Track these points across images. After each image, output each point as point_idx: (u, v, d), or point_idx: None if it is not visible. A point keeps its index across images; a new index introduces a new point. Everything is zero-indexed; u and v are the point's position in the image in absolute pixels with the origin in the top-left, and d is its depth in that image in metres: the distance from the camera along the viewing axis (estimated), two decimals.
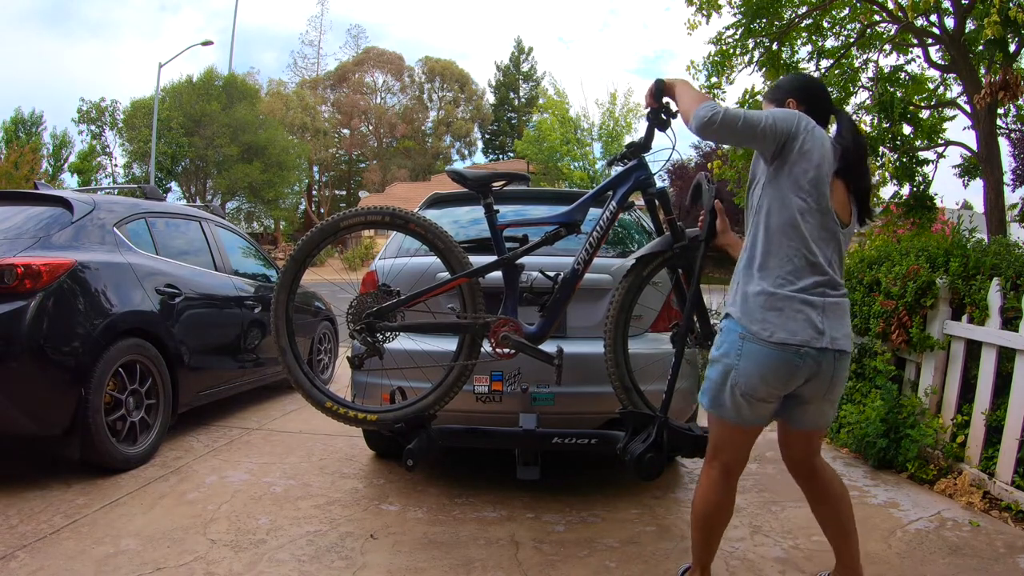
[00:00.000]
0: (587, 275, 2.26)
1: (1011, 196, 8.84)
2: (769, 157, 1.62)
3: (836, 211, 1.62)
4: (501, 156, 42.28)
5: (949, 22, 5.32)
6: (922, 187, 5.69)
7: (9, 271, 2.56)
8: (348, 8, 71.81)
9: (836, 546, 1.80)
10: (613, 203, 2.23)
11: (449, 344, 2.32)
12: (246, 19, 74.25)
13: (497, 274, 2.26)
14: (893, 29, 5.70)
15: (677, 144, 2.19)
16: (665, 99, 1.98)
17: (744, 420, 1.64)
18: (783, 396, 1.64)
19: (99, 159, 27.60)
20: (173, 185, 27.18)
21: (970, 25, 5.27)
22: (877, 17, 5.64)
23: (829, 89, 5.50)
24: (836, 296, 1.60)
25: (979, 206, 5.93)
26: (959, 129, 5.97)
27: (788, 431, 1.76)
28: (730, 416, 1.64)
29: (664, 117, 2.06)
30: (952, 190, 14.21)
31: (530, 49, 43.63)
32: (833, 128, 1.79)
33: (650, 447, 2.09)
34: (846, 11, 5.82)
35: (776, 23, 5.69)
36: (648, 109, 2.04)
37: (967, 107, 5.51)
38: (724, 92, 5.90)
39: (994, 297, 2.72)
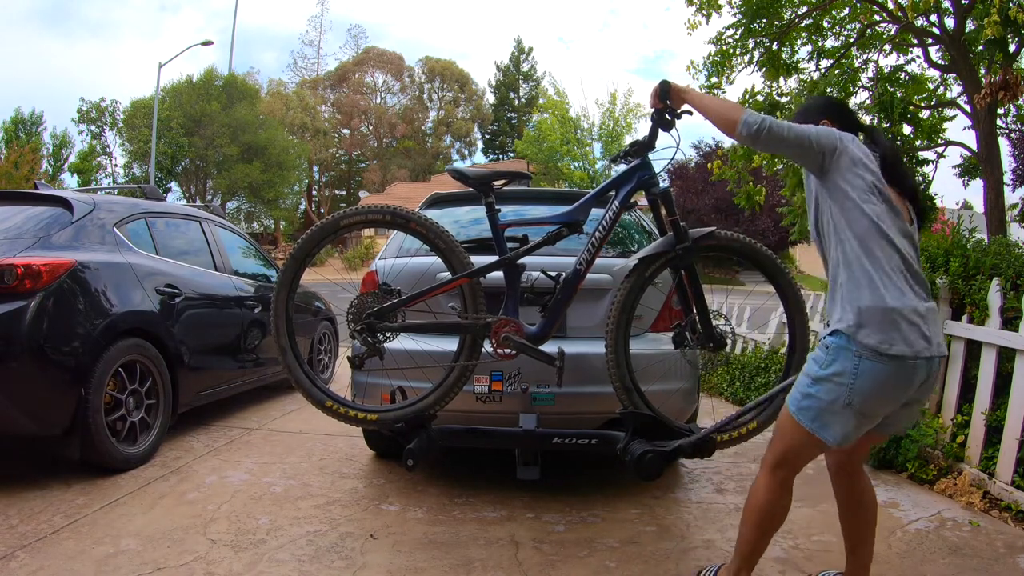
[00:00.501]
0: (588, 275, 2.25)
1: (1011, 196, 8.87)
2: (817, 170, 1.65)
3: None
4: (501, 156, 42.33)
5: (949, 22, 5.32)
6: (922, 187, 5.69)
7: (9, 271, 2.56)
8: (348, 8, 72.07)
9: (852, 550, 1.81)
10: (616, 203, 2.22)
11: (450, 344, 2.31)
12: (246, 19, 74.48)
13: (498, 274, 2.26)
14: (893, 29, 5.71)
15: (680, 144, 2.19)
16: (681, 105, 1.97)
17: (846, 439, 1.61)
18: None
19: (99, 159, 27.69)
20: (173, 185, 27.25)
21: (970, 25, 5.28)
22: (877, 17, 5.65)
23: (829, 89, 5.52)
24: (930, 300, 1.61)
25: (979, 206, 5.94)
26: (959, 129, 5.99)
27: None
28: (832, 436, 1.60)
29: (668, 118, 2.05)
30: (952, 190, 14.28)
31: (530, 49, 43.74)
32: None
33: (658, 452, 2.10)
34: (846, 11, 5.83)
35: (776, 23, 5.69)
36: (652, 110, 2.04)
37: (967, 107, 5.52)
38: (724, 92, 5.90)
39: (994, 297, 2.72)
